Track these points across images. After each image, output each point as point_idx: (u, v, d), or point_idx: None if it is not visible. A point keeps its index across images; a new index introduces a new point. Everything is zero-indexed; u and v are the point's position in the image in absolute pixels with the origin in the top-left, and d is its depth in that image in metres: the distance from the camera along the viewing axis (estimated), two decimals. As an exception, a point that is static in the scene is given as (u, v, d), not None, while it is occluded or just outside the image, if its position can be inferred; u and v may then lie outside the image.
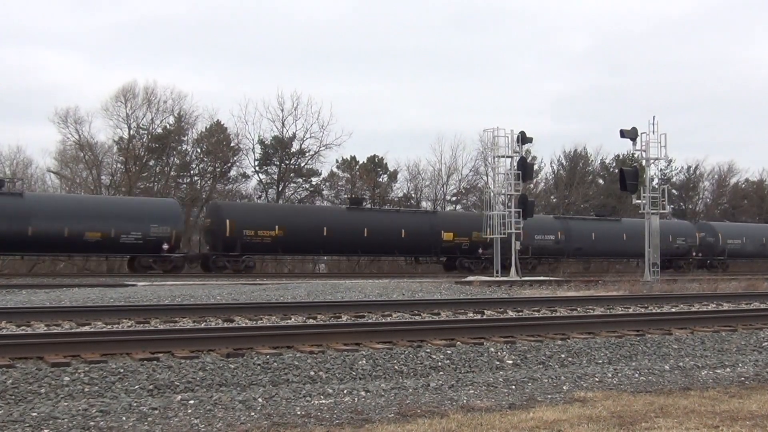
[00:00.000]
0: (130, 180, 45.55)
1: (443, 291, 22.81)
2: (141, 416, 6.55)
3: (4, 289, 20.25)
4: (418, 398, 7.46)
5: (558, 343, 10.51)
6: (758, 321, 13.51)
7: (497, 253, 31.68)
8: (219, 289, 21.00)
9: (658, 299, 19.26)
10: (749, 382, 8.77)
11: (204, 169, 50.70)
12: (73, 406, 6.75)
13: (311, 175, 52.76)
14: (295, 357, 8.93)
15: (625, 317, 13.89)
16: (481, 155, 53.85)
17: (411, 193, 54.46)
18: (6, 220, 29.29)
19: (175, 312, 14.00)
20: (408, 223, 36.52)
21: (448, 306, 16.28)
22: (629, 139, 30.92)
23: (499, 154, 32.50)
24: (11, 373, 7.68)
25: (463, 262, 38.23)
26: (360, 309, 15.14)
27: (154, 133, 48.47)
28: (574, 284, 27.06)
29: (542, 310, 16.13)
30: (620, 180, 31.32)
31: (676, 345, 11.00)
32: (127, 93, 47.20)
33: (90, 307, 14.77)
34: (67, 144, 47.56)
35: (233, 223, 33.24)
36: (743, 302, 19.44)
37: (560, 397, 7.67)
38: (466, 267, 37.91)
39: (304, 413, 6.75)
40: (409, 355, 9.36)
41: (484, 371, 9.09)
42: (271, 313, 14.17)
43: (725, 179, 66.75)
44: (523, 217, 31.52)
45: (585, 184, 59.95)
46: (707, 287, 25.70)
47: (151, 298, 17.60)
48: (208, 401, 7.09)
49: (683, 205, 64.67)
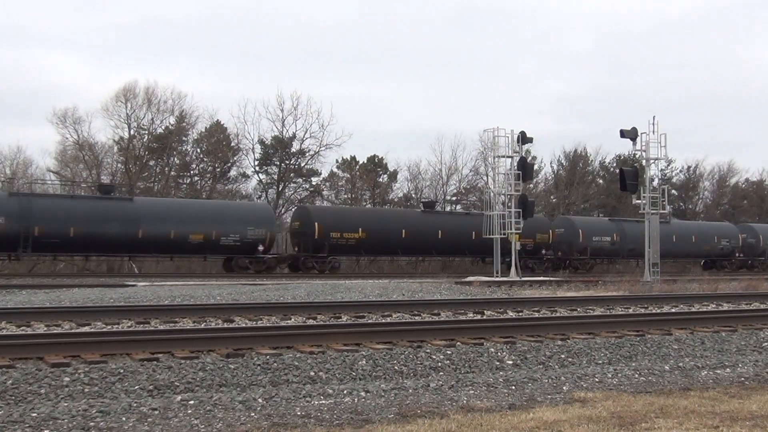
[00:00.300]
0: (131, 180, 45.55)
1: (443, 291, 22.82)
2: (141, 417, 6.55)
3: (4, 290, 20.25)
4: (418, 399, 7.46)
5: (558, 344, 10.52)
6: (758, 321, 13.51)
7: (497, 253, 31.67)
8: (219, 289, 21.01)
9: (658, 299, 19.25)
10: (749, 382, 8.77)
11: (204, 169, 50.71)
12: (73, 407, 6.75)
13: (311, 175, 52.80)
14: (295, 357, 8.93)
15: (625, 317, 13.89)
16: (481, 155, 53.94)
17: (411, 194, 54.49)
18: (118, 223, 31.36)
19: (175, 312, 14.01)
20: (478, 225, 37.13)
21: (448, 306, 16.28)
22: (629, 139, 30.93)
23: (499, 154, 32.49)
24: (11, 374, 7.68)
25: (528, 262, 40.08)
26: (360, 309, 15.14)
27: (155, 133, 48.50)
28: (574, 284, 27.07)
29: (542, 310, 16.13)
30: (620, 180, 31.32)
31: (676, 345, 11.01)
32: (127, 93, 47.27)
33: (90, 307, 14.77)
34: (67, 144, 47.65)
35: (321, 226, 35.20)
36: (743, 302, 19.44)
37: (560, 397, 7.67)
38: (530, 267, 39.89)
39: (304, 414, 6.75)
40: (409, 356, 9.36)
41: (484, 371, 9.09)
42: (271, 314, 14.17)
43: (726, 179, 66.80)
44: (523, 217, 31.52)
45: (585, 184, 59.95)
46: (707, 287, 25.71)
47: (151, 299, 17.61)
48: (208, 402, 7.08)
49: (683, 205, 64.67)
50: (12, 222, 29.44)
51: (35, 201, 31.02)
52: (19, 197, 30.76)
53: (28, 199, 30.93)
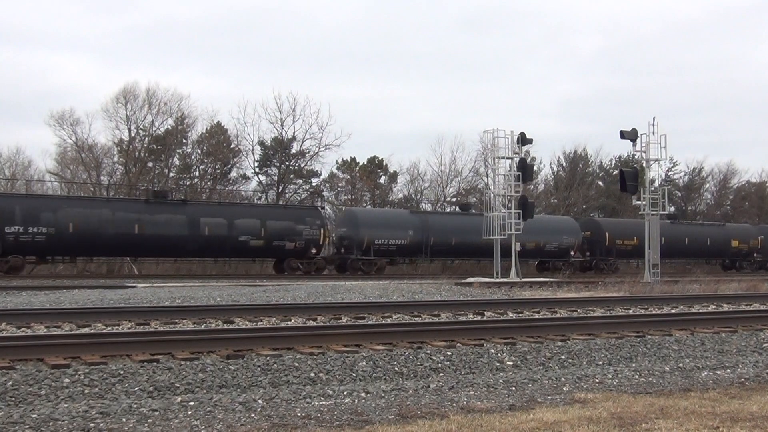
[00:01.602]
0: (131, 181, 45.55)
1: (443, 292, 22.81)
2: (141, 418, 6.55)
3: (4, 291, 20.24)
4: (419, 399, 7.46)
5: (558, 345, 10.51)
6: (758, 322, 13.50)
7: (497, 253, 31.66)
8: (219, 290, 20.99)
9: (658, 300, 19.25)
10: (749, 383, 8.77)
11: (204, 170, 50.71)
12: (73, 408, 6.75)
13: (311, 176, 52.80)
14: (295, 358, 8.93)
15: (625, 318, 13.88)
16: (482, 156, 53.94)
17: (411, 195, 54.50)
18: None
19: (175, 314, 14.00)
20: (705, 233, 44.01)
21: (448, 307, 16.27)
22: (629, 141, 30.90)
23: (499, 156, 32.48)
24: (11, 375, 7.67)
25: (742, 263, 48.18)
26: (360, 310, 15.14)
27: (155, 134, 48.50)
28: (574, 285, 27.07)
29: (542, 311, 16.13)
30: (620, 181, 31.29)
31: (676, 346, 11.00)
32: (127, 94, 47.28)
33: (90, 308, 14.76)
34: (65, 146, 47.65)
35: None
36: (743, 303, 19.43)
37: (560, 398, 7.67)
38: (744, 267, 47.77)
39: (305, 415, 6.75)
40: (410, 357, 9.36)
41: (484, 372, 9.09)
42: (271, 315, 14.17)
43: (728, 180, 66.81)
44: (523, 218, 31.50)
45: (585, 185, 59.94)
46: (707, 288, 25.70)
47: (151, 300, 17.60)
48: (209, 403, 7.09)
49: (684, 206, 64.64)
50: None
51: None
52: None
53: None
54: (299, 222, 35.03)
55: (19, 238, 29.56)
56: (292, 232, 34.64)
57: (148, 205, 32.72)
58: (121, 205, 33.02)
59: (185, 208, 33.35)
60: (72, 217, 30.50)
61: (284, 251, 34.69)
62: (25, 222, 29.61)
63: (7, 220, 29.35)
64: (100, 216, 31.22)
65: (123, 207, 32.69)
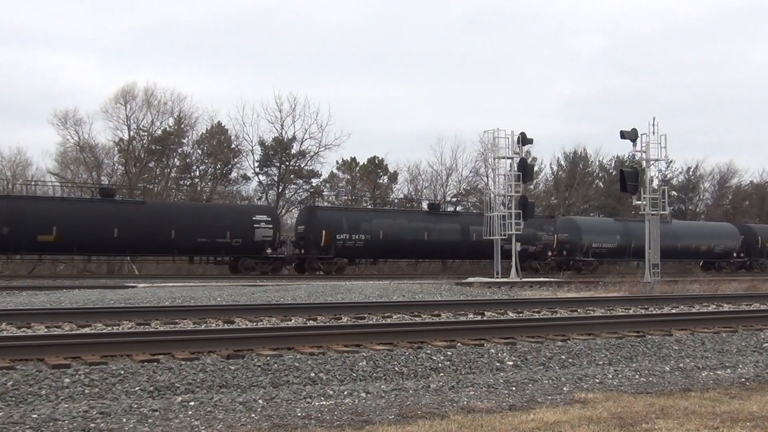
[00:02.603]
0: (131, 181, 45.54)
1: (443, 292, 22.81)
2: (141, 418, 6.55)
3: (4, 291, 20.24)
4: (419, 399, 7.46)
5: (558, 345, 10.51)
6: (759, 322, 13.50)
7: (497, 254, 31.66)
8: (219, 290, 20.98)
9: (659, 300, 19.24)
10: (750, 383, 8.77)
11: (204, 170, 50.70)
12: (73, 408, 6.75)
13: (311, 176, 52.78)
14: (295, 358, 8.93)
15: (626, 318, 13.88)
16: (482, 156, 53.93)
17: (411, 194, 54.48)
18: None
19: (176, 314, 13.99)
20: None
21: (448, 307, 16.26)
22: (629, 141, 30.88)
23: (499, 156, 32.46)
24: (12, 375, 7.67)
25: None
26: (360, 310, 15.14)
27: (155, 134, 48.49)
28: (575, 285, 27.06)
29: (542, 311, 16.12)
30: (620, 181, 31.26)
31: (676, 346, 11.00)
32: (126, 95, 47.27)
33: (90, 308, 14.76)
34: (67, 146, 47.66)
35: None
36: (743, 303, 19.42)
37: (561, 398, 7.67)
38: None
39: (305, 415, 6.75)
40: (410, 357, 9.36)
41: (485, 372, 9.09)
42: (271, 315, 14.17)
43: (726, 180, 66.76)
44: (523, 218, 31.49)
45: (585, 185, 59.94)
46: (707, 288, 25.69)
47: (152, 300, 17.59)
48: (209, 403, 7.08)
49: (683, 206, 64.63)
50: None
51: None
52: None
53: None
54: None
55: (345, 244, 36.48)
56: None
57: (431, 215, 39.85)
58: (414, 216, 39.90)
59: (458, 218, 40.46)
60: (381, 227, 37.49)
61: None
62: (350, 231, 36.54)
63: (336, 229, 36.23)
64: (401, 226, 38.09)
65: (414, 218, 39.51)
